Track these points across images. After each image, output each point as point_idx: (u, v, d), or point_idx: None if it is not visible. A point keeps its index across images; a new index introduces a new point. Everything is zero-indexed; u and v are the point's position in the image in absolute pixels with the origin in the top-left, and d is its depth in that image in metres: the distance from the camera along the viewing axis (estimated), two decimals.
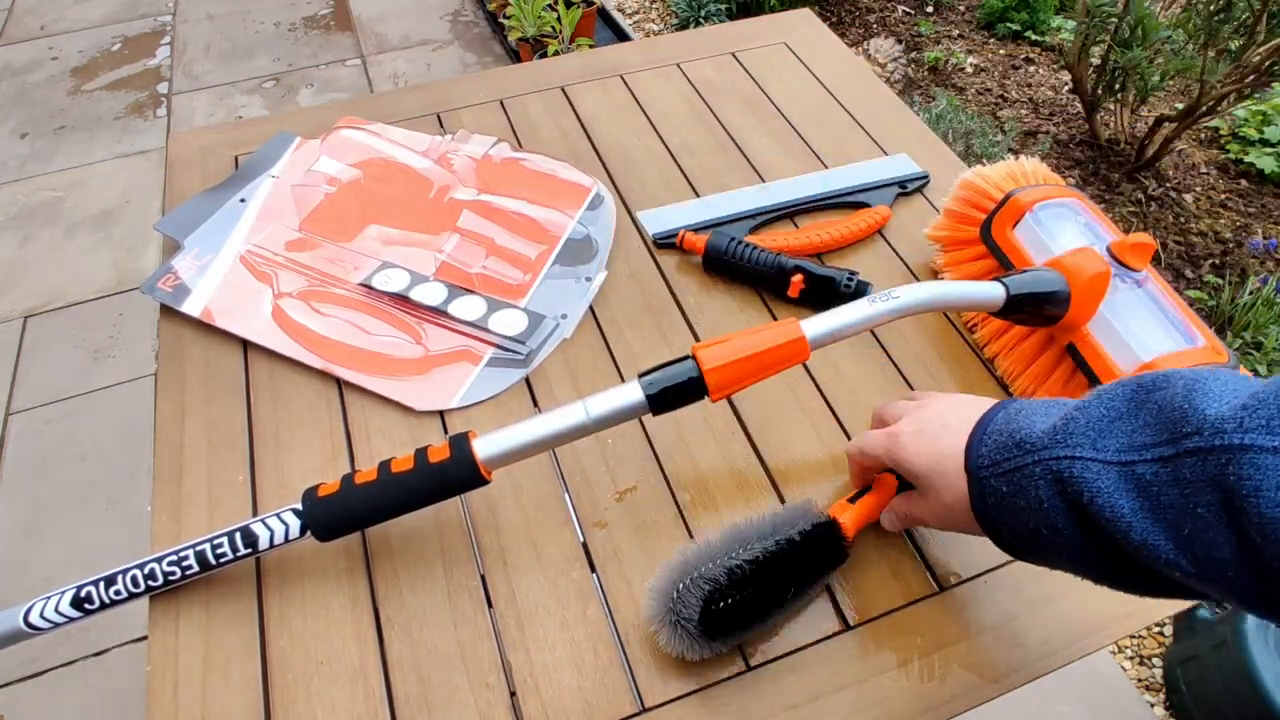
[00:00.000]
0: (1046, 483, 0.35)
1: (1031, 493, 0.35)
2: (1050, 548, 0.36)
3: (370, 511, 0.47)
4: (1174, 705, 1.12)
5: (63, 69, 2.25)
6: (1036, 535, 0.36)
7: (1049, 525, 0.35)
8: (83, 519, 1.33)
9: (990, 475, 0.38)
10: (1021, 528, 0.37)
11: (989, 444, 0.39)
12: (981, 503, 0.39)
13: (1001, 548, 0.40)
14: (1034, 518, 0.36)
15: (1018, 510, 0.37)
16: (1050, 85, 2.13)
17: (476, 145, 0.76)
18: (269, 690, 0.46)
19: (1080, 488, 0.33)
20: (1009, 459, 0.37)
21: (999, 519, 0.38)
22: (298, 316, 0.63)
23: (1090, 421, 0.35)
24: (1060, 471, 0.34)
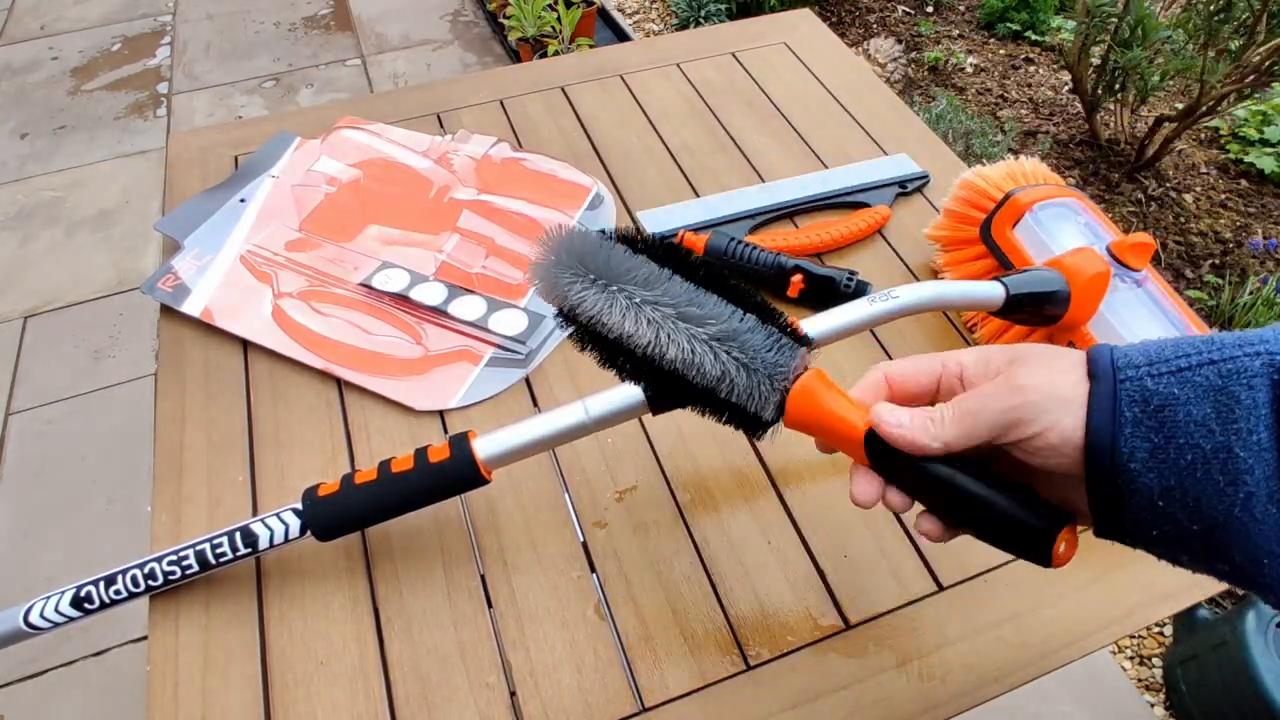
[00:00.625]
0: (1266, 381, 0.26)
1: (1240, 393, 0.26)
2: (1220, 486, 0.26)
3: (370, 511, 0.47)
4: (1174, 705, 1.12)
5: (63, 69, 2.25)
6: (1209, 464, 0.26)
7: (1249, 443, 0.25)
8: (83, 519, 1.33)
9: (1146, 375, 0.28)
10: (1182, 453, 0.26)
11: (1137, 347, 0.29)
12: (1111, 415, 0.28)
13: (1105, 493, 0.28)
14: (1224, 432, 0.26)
15: (1188, 425, 0.26)
16: (1050, 85, 2.13)
17: (476, 145, 0.76)
18: (269, 690, 0.46)
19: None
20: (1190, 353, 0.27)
21: (1137, 439, 0.27)
22: (298, 316, 0.63)
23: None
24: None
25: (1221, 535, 0.26)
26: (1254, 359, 0.26)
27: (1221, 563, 0.27)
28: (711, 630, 0.48)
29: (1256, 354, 0.26)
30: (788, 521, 0.53)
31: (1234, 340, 0.27)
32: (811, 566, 0.51)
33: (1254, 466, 0.25)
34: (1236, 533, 0.26)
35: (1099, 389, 0.28)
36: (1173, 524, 0.27)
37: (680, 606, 0.49)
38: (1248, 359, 0.26)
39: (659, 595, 0.49)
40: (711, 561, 0.51)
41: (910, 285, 0.50)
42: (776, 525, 0.53)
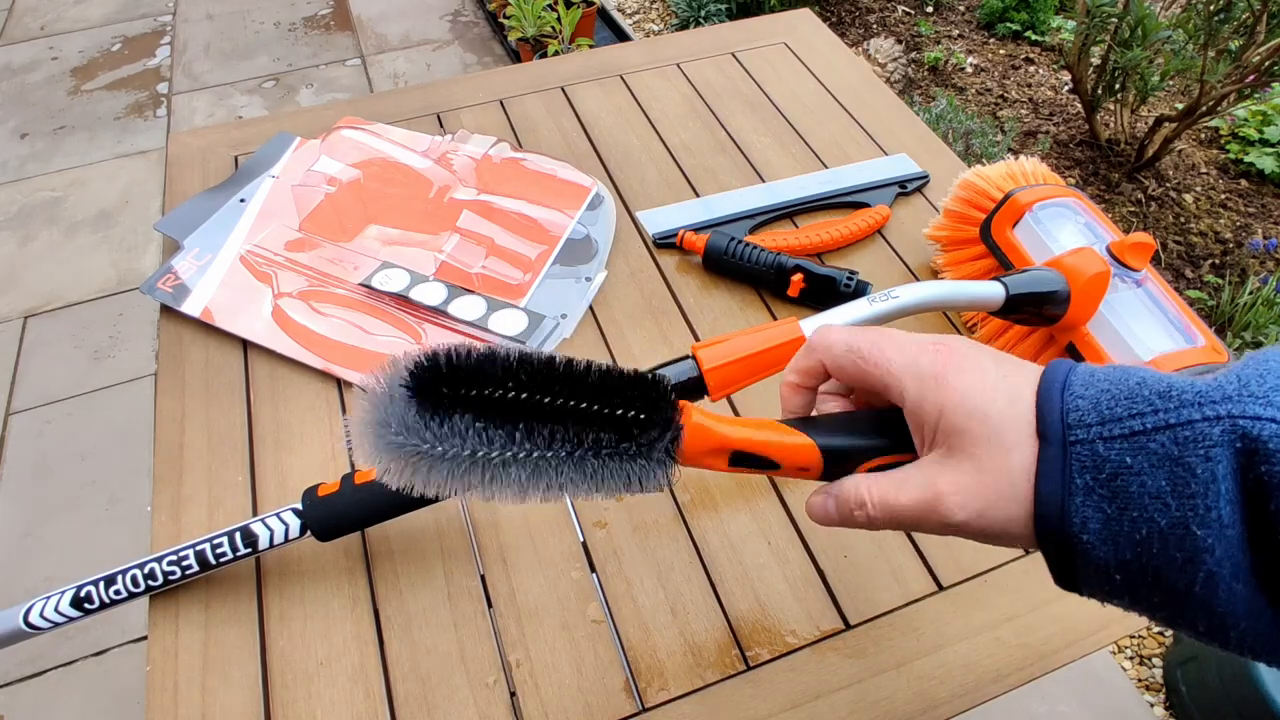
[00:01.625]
0: (1229, 451, 0.23)
1: (1197, 466, 0.23)
2: (1179, 562, 0.24)
3: (370, 511, 0.47)
4: (1174, 705, 1.12)
5: (63, 69, 2.25)
6: (1165, 540, 0.24)
7: (1206, 520, 0.23)
8: (83, 519, 1.33)
9: (1096, 437, 0.25)
10: (1136, 528, 0.24)
11: (1089, 394, 0.26)
12: (1062, 483, 0.26)
13: (1054, 557, 0.27)
14: (1178, 508, 0.24)
15: (1143, 498, 0.24)
16: (1050, 85, 2.13)
17: (476, 145, 0.76)
18: (269, 690, 0.46)
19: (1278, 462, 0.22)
20: (1145, 412, 0.25)
21: (1090, 510, 0.25)
22: (298, 316, 0.63)
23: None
24: (1260, 438, 0.23)
25: (1184, 606, 0.25)
26: (1213, 424, 0.24)
27: (1187, 628, 0.26)
28: (711, 630, 0.48)
29: (1217, 418, 0.24)
30: (788, 521, 0.53)
31: (1193, 397, 0.24)
32: (811, 566, 0.51)
33: (1214, 545, 0.23)
34: (1200, 606, 0.24)
35: (1048, 452, 0.26)
36: (1131, 593, 0.26)
37: (680, 606, 0.49)
38: (1206, 424, 0.24)
39: (659, 595, 0.49)
40: (711, 561, 0.51)
41: (910, 285, 0.50)
42: (776, 525, 0.53)
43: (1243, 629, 0.24)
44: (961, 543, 0.52)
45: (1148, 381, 0.26)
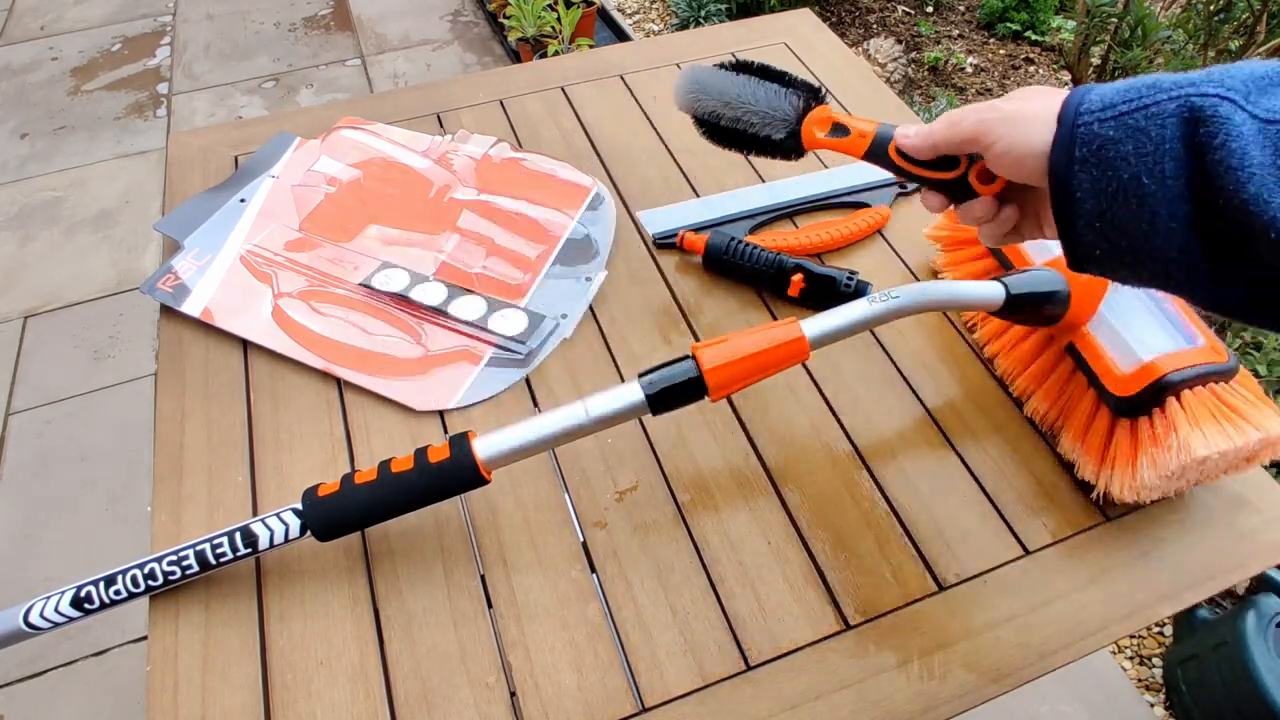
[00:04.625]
0: (1177, 121, 0.32)
1: (1153, 131, 0.32)
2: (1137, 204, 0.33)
3: (370, 511, 0.47)
4: (1174, 705, 1.12)
5: (63, 69, 2.25)
6: (1128, 189, 0.33)
7: (1154, 173, 0.32)
8: (83, 519, 1.33)
9: (1096, 119, 0.34)
10: (1110, 181, 0.33)
11: (1103, 92, 0.35)
12: (1066, 155, 0.35)
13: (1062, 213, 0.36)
14: (1137, 165, 0.33)
15: (1116, 159, 0.33)
16: (1050, 85, 2.13)
17: (476, 145, 0.76)
18: (269, 690, 0.46)
19: (1217, 129, 0.31)
20: (1134, 99, 0.34)
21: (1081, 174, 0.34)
22: (298, 316, 0.63)
23: (1246, 77, 0.32)
24: (1203, 109, 0.31)
25: (1141, 251, 0.34)
26: (1172, 101, 0.32)
27: (1146, 273, 0.35)
28: (711, 630, 0.48)
29: (1177, 97, 0.32)
30: (788, 521, 0.53)
31: (1170, 84, 0.33)
32: (811, 566, 0.51)
33: (1156, 191, 0.32)
34: (1148, 245, 0.34)
35: (1061, 133, 0.35)
36: (1108, 242, 0.35)
37: (680, 606, 0.49)
38: (1168, 101, 0.32)
39: (659, 595, 0.49)
40: (711, 561, 0.51)
41: (910, 285, 0.50)
42: (776, 525, 0.53)
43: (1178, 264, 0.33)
44: (962, 543, 0.52)
45: (1146, 78, 0.34)
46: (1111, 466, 0.51)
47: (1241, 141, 0.30)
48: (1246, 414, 0.49)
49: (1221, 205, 0.31)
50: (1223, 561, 0.51)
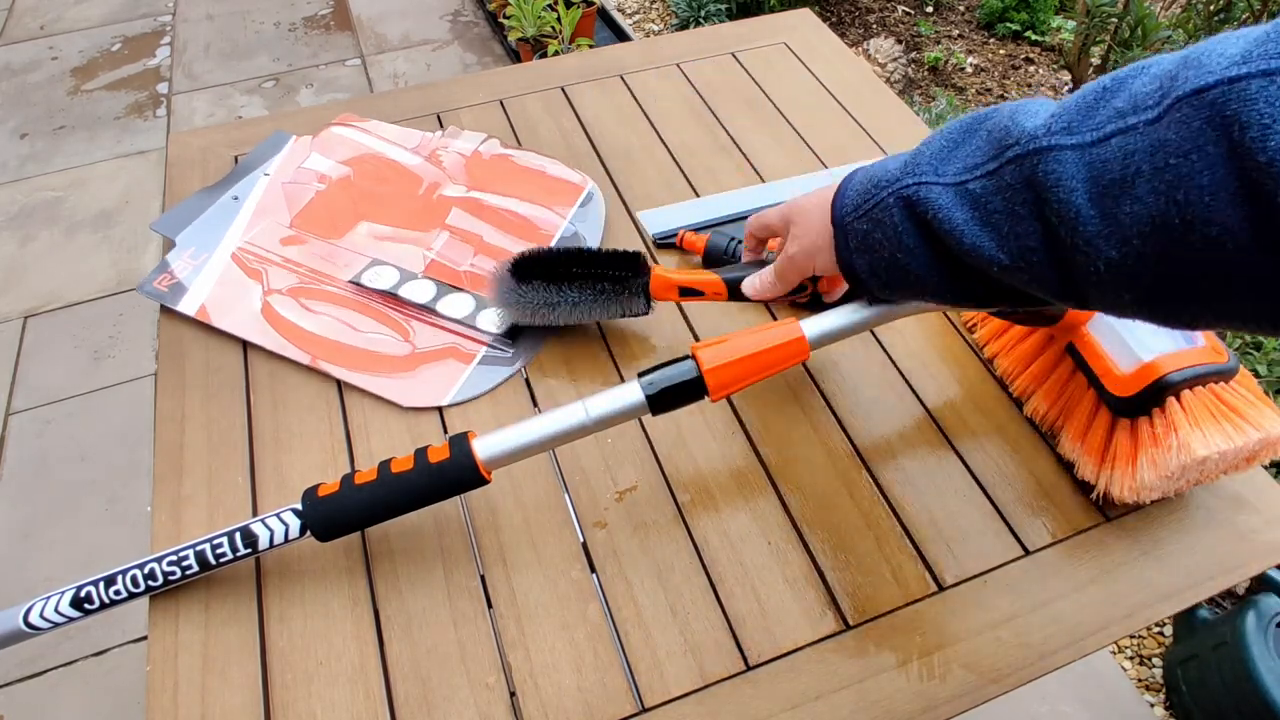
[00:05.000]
0: (899, 209, 0.40)
1: (887, 221, 0.41)
2: (902, 271, 0.42)
3: (370, 511, 0.47)
4: (1174, 705, 1.12)
5: (63, 69, 2.25)
6: (892, 262, 0.42)
7: (902, 248, 0.41)
8: (83, 519, 1.33)
9: (853, 220, 0.43)
10: (878, 260, 0.43)
11: (851, 194, 0.44)
12: (845, 247, 0.44)
13: (859, 288, 0.46)
14: (890, 246, 0.41)
15: (875, 245, 0.42)
16: (1050, 85, 2.13)
17: (466, 142, 0.76)
18: (269, 690, 0.46)
19: (925, 208, 0.39)
20: (868, 199, 0.42)
21: (858, 259, 0.44)
22: (287, 313, 0.63)
23: (933, 153, 0.40)
24: (909, 196, 0.40)
25: (916, 292, 0.43)
26: (890, 196, 0.41)
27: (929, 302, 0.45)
28: (711, 630, 0.48)
29: (892, 192, 0.41)
30: (788, 521, 0.53)
31: (885, 180, 0.42)
32: (811, 566, 0.51)
33: (908, 262, 0.41)
34: (921, 288, 0.42)
35: (837, 233, 0.45)
36: (891, 291, 0.44)
37: (680, 606, 0.49)
38: (889, 197, 0.41)
39: (659, 595, 0.49)
40: (711, 561, 0.51)
41: None
42: (776, 525, 0.53)
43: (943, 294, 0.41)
44: (962, 543, 0.52)
45: (872, 174, 0.43)
46: (1111, 466, 0.51)
47: (945, 210, 0.38)
48: (1246, 414, 0.49)
49: (956, 256, 0.39)
50: (1223, 561, 0.51)
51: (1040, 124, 0.35)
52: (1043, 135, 0.34)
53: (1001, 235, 0.36)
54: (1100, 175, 0.32)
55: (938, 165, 0.39)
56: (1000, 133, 0.37)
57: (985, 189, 0.37)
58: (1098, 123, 0.33)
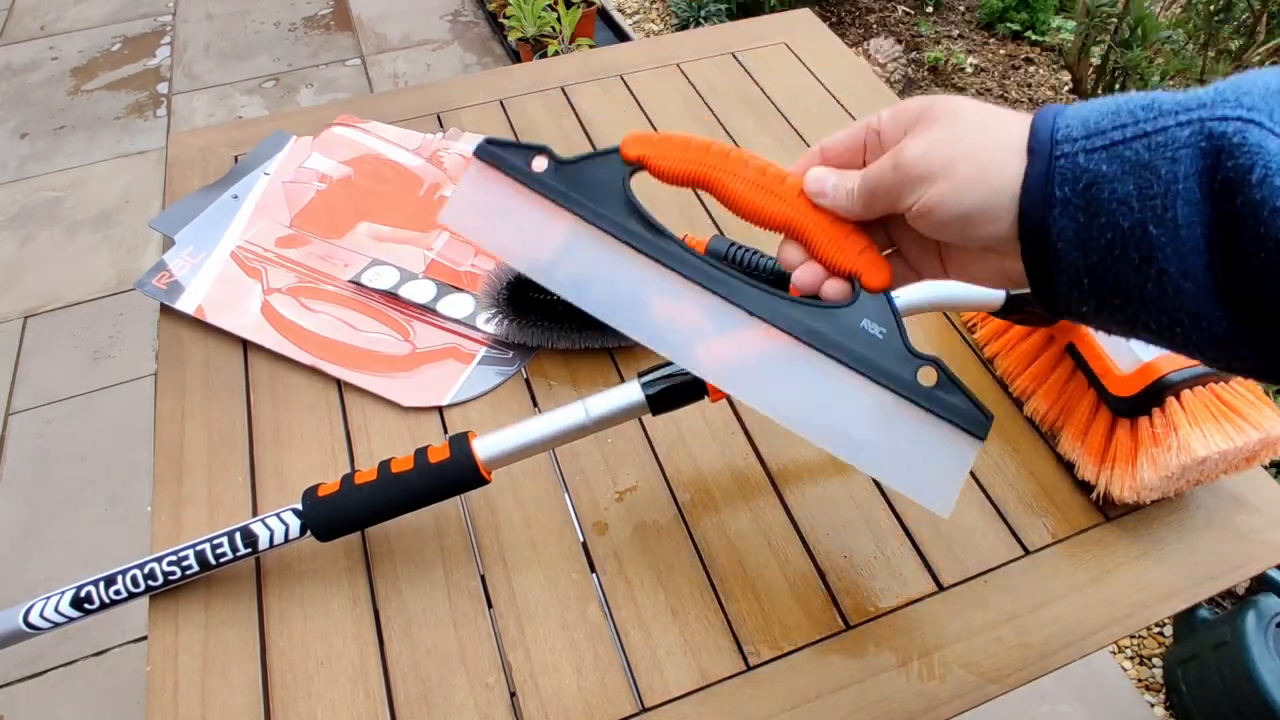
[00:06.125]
0: (1194, 152, 0.25)
1: (1162, 168, 0.25)
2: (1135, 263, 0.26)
3: (370, 511, 0.47)
4: (1174, 705, 1.12)
5: (63, 69, 2.25)
6: (1125, 242, 0.26)
7: (1163, 221, 0.25)
8: (83, 519, 1.33)
9: (1080, 151, 0.27)
10: (1104, 229, 0.26)
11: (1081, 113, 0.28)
12: (1043, 193, 0.27)
13: (1034, 269, 0.29)
14: (1142, 210, 0.25)
15: (1112, 203, 0.26)
16: (1050, 85, 2.13)
17: (468, 143, 0.77)
18: (269, 690, 0.46)
19: (1252, 160, 0.24)
20: (1128, 123, 0.26)
21: (1063, 219, 0.27)
22: (287, 312, 0.63)
23: (1263, 92, 0.25)
24: (1227, 135, 0.24)
25: (1139, 309, 0.27)
26: (1184, 128, 0.25)
27: (1143, 331, 0.28)
28: (711, 630, 0.48)
29: (1188, 122, 0.25)
30: (788, 521, 0.53)
31: (1172, 107, 0.26)
32: (811, 566, 0.51)
33: (1166, 243, 0.25)
34: (1152, 307, 0.27)
35: (1035, 167, 0.28)
36: (1097, 299, 0.28)
37: (680, 606, 0.49)
38: (1178, 128, 0.25)
39: (659, 595, 0.49)
40: (711, 561, 0.51)
41: (910, 285, 0.50)
42: (776, 525, 0.53)
43: (1186, 326, 0.26)
44: (962, 543, 0.52)
45: (1135, 98, 0.27)
46: (1111, 466, 0.51)
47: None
48: (1246, 414, 0.49)
49: (1263, 259, 0.24)
50: (1223, 561, 0.51)
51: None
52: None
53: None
54: None
55: (1274, 108, 0.24)
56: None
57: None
58: None
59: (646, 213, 0.39)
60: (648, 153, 0.39)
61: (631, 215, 0.39)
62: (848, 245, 0.35)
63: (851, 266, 0.35)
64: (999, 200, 0.29)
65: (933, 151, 0.30)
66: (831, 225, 0.36)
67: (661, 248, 0.38)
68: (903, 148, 0.31)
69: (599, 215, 0.39)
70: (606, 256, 0.39)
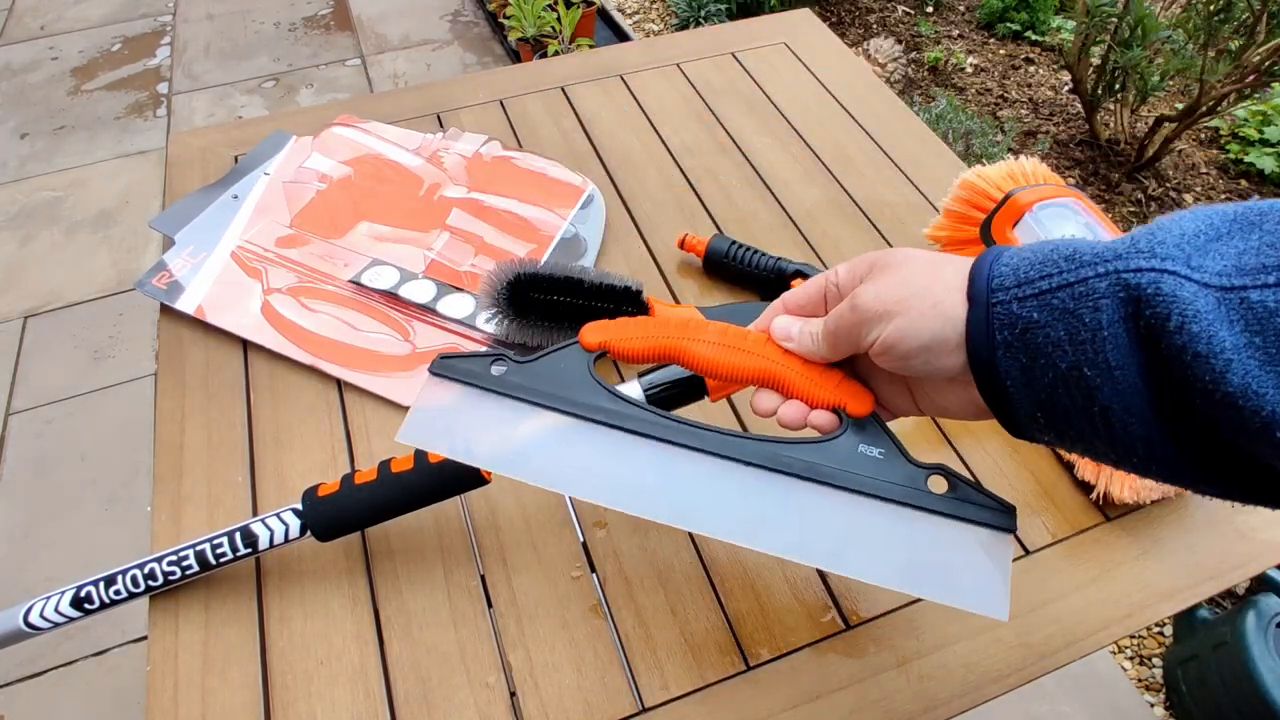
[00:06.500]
0: (1114, 302, 0.26)
1: (1086, 316, 0.27)
2: (1079, 401, 0.28)
3: (370, 511, 0.47)
4: (1174, 705, 1.12)
5: (63, 69, 2.25)
6: (1066, 382, 0.28)
7: (1096, 363, 0.27)
8: (83, 519, 1.33)
9: (1015, 299, 0.29)
10: (1044, 370, 0.28)
11: (1017, 262, 0.30)
12: (986, 338, 0.29)
13: (992, 404, 0.31)
14: (1075, 353, 0.27)
15: (1047, 346, 0.28)
16: (1050, 85, 2.13)
17: (467, 143, 0.77)
18: (269, 690, 0.46)
19: (1168, 309, 0.25)
20: (1052, 274, 0.28)
21: (1007, 361, 0.29)
22: (286, 312, 0.63)
23: (1184, 236, 0.26)
24: (1141, 287, 0.26)
25: (1092, 441, 0.29)
26: (1102, 279, 0.27)
27: (1104, 460, 0.30)
28: (711, 630, 0.48)
29: (1105, 274, 0.27)
30: None
31: (1091, 258, 0.28)
32: (812, 566, 0.51)
33: (1102, 385, 0.27)
34: (1104, 439, 0.28)
35: (974, 314, 0.30)
36: (1054, 430, 0.30)
37: (680, 606, 0.49)
38: (1096, 279, 0.27)
39: (659, 595, 0.49)
40: (711, 561, 0.51)
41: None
42: None
43: (1143, 456, 0.28)
44: None
45: (1060, 248, 0.29)
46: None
47: (1203, 322, 0.24)
48: None
49: (1196, 401, 0.25)
50: (1223, 561, 0.51)
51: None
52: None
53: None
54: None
55: (1190, 254, 0.26)
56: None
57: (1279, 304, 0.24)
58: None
59: (621, 393, 0.39)
60: (607, 338, 0.40)
61: (607, 396, 0.38)
62: (824, 380, 0.37)
63: (833, 398, 0.36)
64: (955, 330, 0.31)
65: (885, 292, 0.32)
66: (804, 365, 0.37)
67: (647, 420, 0.38)
68: (858, 292, 0.33)
69: (578, 404, 0.38)
70: (595, 442, 0.38)
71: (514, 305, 0.58)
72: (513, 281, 0.57)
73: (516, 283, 0.57)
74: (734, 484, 0.36)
